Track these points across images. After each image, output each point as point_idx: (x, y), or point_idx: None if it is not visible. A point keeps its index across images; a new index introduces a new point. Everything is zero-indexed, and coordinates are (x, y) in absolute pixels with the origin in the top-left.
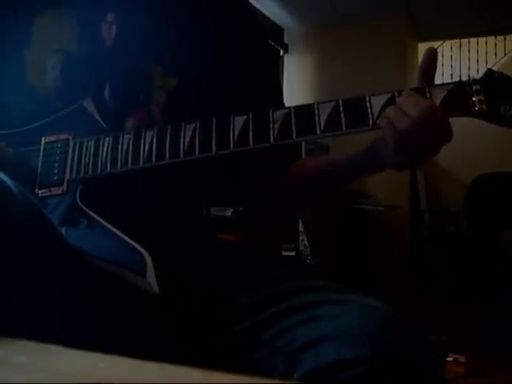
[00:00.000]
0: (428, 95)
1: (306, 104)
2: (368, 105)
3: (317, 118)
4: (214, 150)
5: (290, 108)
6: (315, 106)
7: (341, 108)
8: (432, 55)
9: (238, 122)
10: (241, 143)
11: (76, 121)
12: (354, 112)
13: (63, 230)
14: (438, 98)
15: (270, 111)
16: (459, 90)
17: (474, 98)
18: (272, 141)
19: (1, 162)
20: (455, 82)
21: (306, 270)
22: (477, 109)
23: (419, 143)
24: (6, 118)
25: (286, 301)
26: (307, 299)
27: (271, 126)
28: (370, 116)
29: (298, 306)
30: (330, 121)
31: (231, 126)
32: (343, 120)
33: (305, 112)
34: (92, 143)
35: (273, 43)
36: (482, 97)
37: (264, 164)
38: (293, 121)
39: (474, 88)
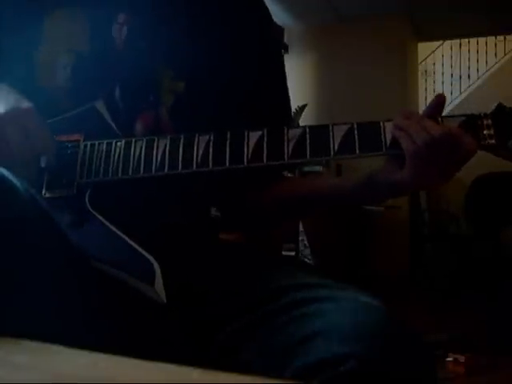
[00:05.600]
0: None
1: (320, 124)
2: (382, 131)
3: (331, 139)
4: (227, 163)
5: (304, 127)
6: (330, 128)
7: (355, 131)
8: (441, 101)
9: (253, 137)
10: (254, 159)
11: (87, 122)
12: (368, 137)
13: (70, 233)
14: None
15: (285, 129)
16: (470, 123)
17: (484, 132)
18: (286, 159)
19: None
20: (467, 115)
21: (301, 267)
22: (486, 143)
23: (439, 160)
24: None
25: (277, 299)
26: (299, 296)
27: (286, 144)
28: (384, 142)
29: (290, 304)
30: (344, 144)
31: (246, 140)
32: (357, 144)
33: (319, 132)
34: (103, 147)
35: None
36: (491, 131)
37: (251, 177)
38: (307, 141)
39: (485, 122)
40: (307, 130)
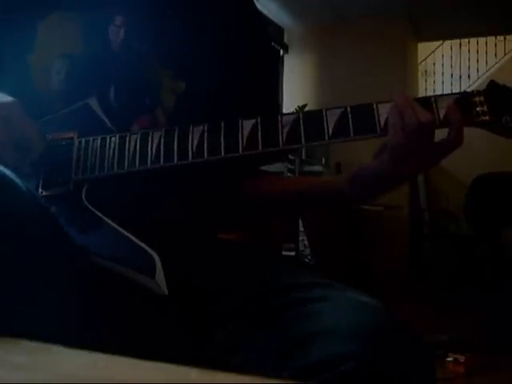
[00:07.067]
0: (434, 105)
1: (314, 110)
2: (375, 112)
3: (325, 123)
4: (222, 153)
5: (298, 113)
6: (323, 113)
7: (349, 115)
8: None
9: (247, 125)
10: (250, 147)
11: (80, 119)
12: (362, 119)
13: (69, 230)
14: (443, 107)
15: (279, 116)
16: (464, 101)
17: (477, 109)
18: (281, 145)
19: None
20: (460, 93)
21: (301, 267)
22: (480, 119)
23: (422, 148)
24: None
25: (277, 298)
26: (299, 296)
27: (280, 130)
28: (378, 123)
29: (290, 303)
30: (338, 127)
31: (240, 129)
32: (351, 127)
33: (313, 118)
34: (98, 142)
35: (273, 43)
36: (485, 108)
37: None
38: (301, 126)
39: (477, 99)
40: (301, 115)
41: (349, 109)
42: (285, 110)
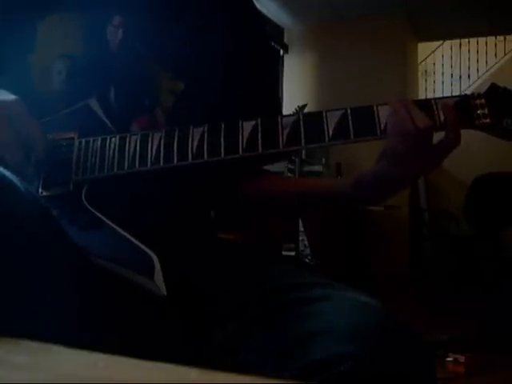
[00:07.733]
0: (435, 107)
1: (314, 112)
2: (375, 115)
3: (325, 125)
4: (222, 154)
5: (298, 115)
6: (323, 114)
7: (349, 117)
8: None
9: (247, 127)
10: (249, 148)
11: (81, 120)
12: (362, 121)
13: (69, 231)
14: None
15: (279, 117)
16: (465, 104)
17: (478, 112)
18: (281, 147)
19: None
20: (461, 96)
21: (301, 267)
22: (481, 122)
23: (421, 152)
24: None
25: (277, 298)
26: (299, 296)
27: (280, 132)
28: (378, 126)
29: (290, 303)
30: (338, 129)
31: (240, 130)
32: (351, 129)
33: (313, 120)
34: (98, 143)
35: (273, 43)
36: (486, 111)
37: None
38: (302, 128)
39: (478, 102)
40: (301, 117)
41: (349, 111)
42: (285, 110)
